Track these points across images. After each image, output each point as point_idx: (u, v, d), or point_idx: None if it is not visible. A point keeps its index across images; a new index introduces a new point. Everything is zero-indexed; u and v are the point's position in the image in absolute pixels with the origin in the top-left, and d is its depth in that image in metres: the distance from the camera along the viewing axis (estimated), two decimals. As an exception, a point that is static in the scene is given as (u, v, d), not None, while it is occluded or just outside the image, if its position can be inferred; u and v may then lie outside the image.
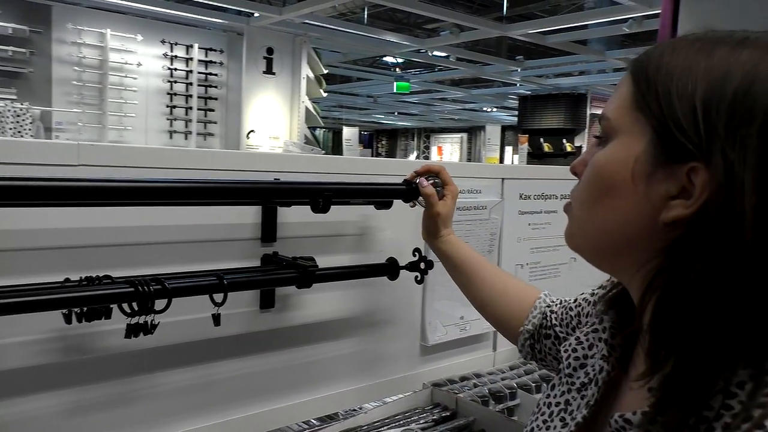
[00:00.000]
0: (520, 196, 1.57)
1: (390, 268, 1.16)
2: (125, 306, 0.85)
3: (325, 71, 7.11)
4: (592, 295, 0.86)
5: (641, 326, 0.56)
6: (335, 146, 15.27)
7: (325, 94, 7.21)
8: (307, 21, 6.65)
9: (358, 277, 1.14)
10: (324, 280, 1.06)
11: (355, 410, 1.25)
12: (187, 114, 6.24)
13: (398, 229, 1.29)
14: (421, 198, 1.12)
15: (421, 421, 1.21)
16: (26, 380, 0.89)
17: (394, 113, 16.52)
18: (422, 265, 1.20)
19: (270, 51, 6.62)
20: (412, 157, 17.21)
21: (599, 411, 0.64)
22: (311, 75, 6.86)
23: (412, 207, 1.17)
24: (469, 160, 16.28)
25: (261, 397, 1.14)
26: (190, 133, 6.28)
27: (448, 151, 16.93)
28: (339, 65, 9.42)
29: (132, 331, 0.85)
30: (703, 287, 0.50)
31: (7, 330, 0.86)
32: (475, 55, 8.44)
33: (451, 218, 1.12)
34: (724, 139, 0.50)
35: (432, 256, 1.28)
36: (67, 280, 0.85)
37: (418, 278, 1.19)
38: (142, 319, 0.86)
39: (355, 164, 1.27)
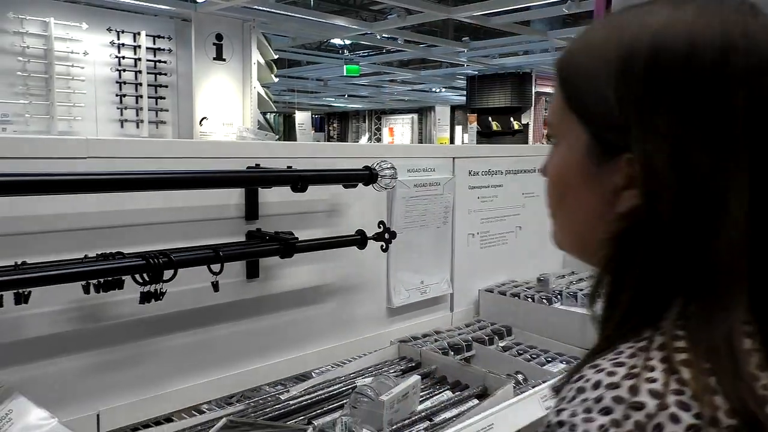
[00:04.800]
0: (470, 173, 1.76)
1: (359, 239, 1.33)
2: (138, 277, 0.99)
3: (276, 56, 7.14)
4: None
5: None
6: (287, 131, 15.23)
7: (276, 79, 7.25)
8: (254, 6, 6.67)
9: (332, 248, 1.31)
10: (303, 251, 1.22)
11: (332, 365, 1.42)
12: (137, 102, 6.18)
13: (364, 205, 1.45)
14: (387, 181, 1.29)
15: (391, 371, 1.39)
16: (50, 345, 1.03)
17: (344, 96, 16.56)
18: (386, 236, 1.38)
19: (219, 37, 6.61)
20: (364, 139, 17.32)
21: None
22: (262, 60, 6.89)
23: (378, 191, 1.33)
24: (420, 140, 16.50)
25: (251, 355, 1.29)
26: (142, 121, 6.24)
27: (399, 132, 17.10)
28: (288, 50, 9.43)
29: (145, 298, 0.99)
30: (637, 282, 0.50)
31: (33, 302, 0.99)
32: (422, 37, 8.61)
33: None
34: (639, 128, 0.49)
35: (394, 227, 1.46)
36: (85, 257, 0.98)
37: (383, 247, 1.37)
38: (152, 288, 1.00)
39: (324, 149, 1.42)
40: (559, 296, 1.68)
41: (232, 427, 1.06)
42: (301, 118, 7.67)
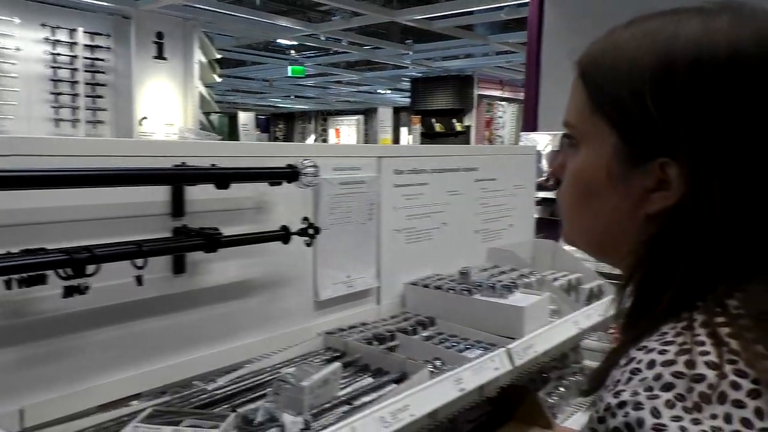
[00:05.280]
0: (395, 172, 1.84)
1: (283, 234, 1.39)
2: (61, 272, 1.02)
3: (219, 56, 7.10)
4: None
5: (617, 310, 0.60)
6: (231, 131, 15.05)
7: (219, 79, 7.20)
8: (196, 5, 6.61)
9: (257, 243, 1.36)
10: (227, 246, 1.28)
11: (259, 357, 1.48)
12: (73, 101, 6.05)
13: (291, 203, 1.52)
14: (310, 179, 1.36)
15: (316, 361, 1.46)
16: (-28, 341, 1.05)
17: (290, 96, 16.51)
18: (311, 231, 1.44)
19: (160, 35, 6.52)
20: (311, 140, 17.29)
21: None
22: (204, 60, 6.84)
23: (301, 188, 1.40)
24: (366, 141, 16.60)
25: (178, 349, 1.34)
26: (78, 121, 6.10)
27: (345, 133, 17.16)
28: (232, 49, 9.36)
29: (68, 292, 1.03)
30: (680, 278, 0.52)
31: (-46, 298, 1.01)
32: (367, 39, 8.71)
33: None
34: (684, 134, 0.50)
35: (320, 223, 1.53)
36: (8, 253, 1.01)
37: (308, 242, 1.43)
38: (75, 282, 1.04)
39: (251, 149, 1.49)
40: (479, 288, 1.79)
41: (157, 415, 1.10)
42: (245, 118, 7.64)
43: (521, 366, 1.59)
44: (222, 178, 1.21)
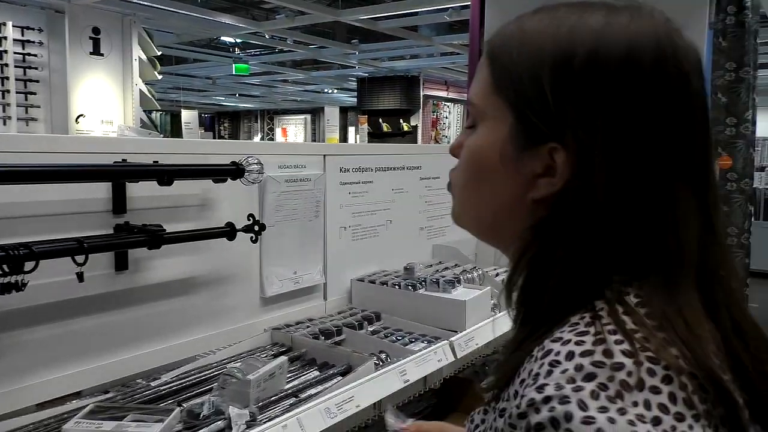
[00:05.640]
0: (341, 170, 1.87)
1: (228, 231, 1.40)
2: (-3, 269, 1.00)
3: (159, 53, 6.93)
4: None
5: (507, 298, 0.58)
6: (174, 130, 14.70)
7: (160, 77, 7.02)
8: (134, 1, 6.44)
9: (201, 239, 1.36)
10: (171, 242, 1.27)
11: (205, 353, 1.47)
12: (3, 97, 5.79)
13: (236, 200, 1.52)
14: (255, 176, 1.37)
15: (263, 356, 1.47)
16: None
17: (235, 95, 16.25)
18: (256, 228, 1.45)
19: (96, 31, 6.31)
20: (257, 139, 17.07)
21: None
22: (144, 56, 6.66)
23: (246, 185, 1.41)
24: (314, 140, 16.52)
25: (121, 346, 1.32)
26: (9, 118, 5.83)
27: (292, 132, 17.03)
28: (174, 46, 9.15)
29: (5, 288, 1.01)
30: (564, 267, 0.52)
31: None
32: (312, 38, 8.68)
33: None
34: (574, 120, 0.51)
35: (266, 220, 1.54)
36: (-60, 249, 0.98)
37: (253, 238, 1.44)
38: (13, 279, 1.02)
39: (194, 146, 1.48)
40: (423, 283, 1.83)
41: (99, 411, 1.09)
42: (188, 116, 7.42)
43: (463, 357, 1.65)
44: (164, 174, 1.20)
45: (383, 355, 1.54)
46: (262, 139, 17.12)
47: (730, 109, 3.78)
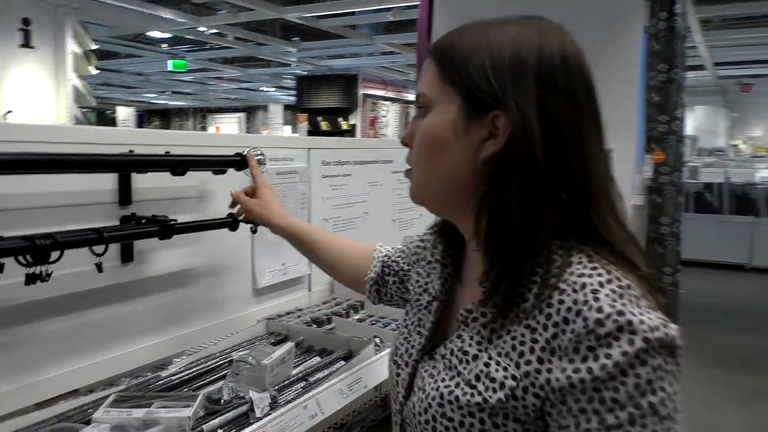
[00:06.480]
0: (323, 163, 1.91)
1: (231, 222, 1.42)
2: (21, 259, 1.00)
3: (94, 46, 6.68)
4: (422, 241, 0.99)
5: (477, 241, 0.71)
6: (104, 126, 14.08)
7: (95, 72, 6.77)
8: (69, -8, 6.17)
9: (208, 229, 1.38)
10: (181, 233, 1.29)
11: (205, 344, 1.49)
12: None
13: (228, 191, 1.53)
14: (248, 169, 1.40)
15: (264, 344, 1.50)
16: None
17: (166, 92, 15.78)
18: (255, 219, 1.48)
19: (27, 22, 6.01)
20: (189, 137, 16.60)
21: (446, 319, 0.81)
22: (78, 50, 6.40)
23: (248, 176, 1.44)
24: (248, 139, 16.23)
25: (127, 338, 1.32)
26: (-70, 113, 5.49)
27: (226, 131, 16.68)
28: (106, 40, 8.81)
29: (31, 279, 1.00)
30: (518, 198, 0.67)
31: None
32: (253, 35, 8.57)
33: (273, 192, 1.32)
34: (512, 90, 0.68)
35: (262, 211, 1.56)
36: (-37, 240, 0.97)
37: (253, 229, 1.47)
38: (37, 270, 1.02)
39: (175, 137, 1.50)
40: (404, 272, 1.90)
41: (123, 400, 1.10)
42: (125, 114, 7.23)
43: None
44: (178, 165, 1.22)
45: (377, 340, 1.60)
46: (195, 137, 16.66)
47: (662, 107, 4.04)
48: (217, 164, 1.36)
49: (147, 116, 18.23)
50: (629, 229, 0.73)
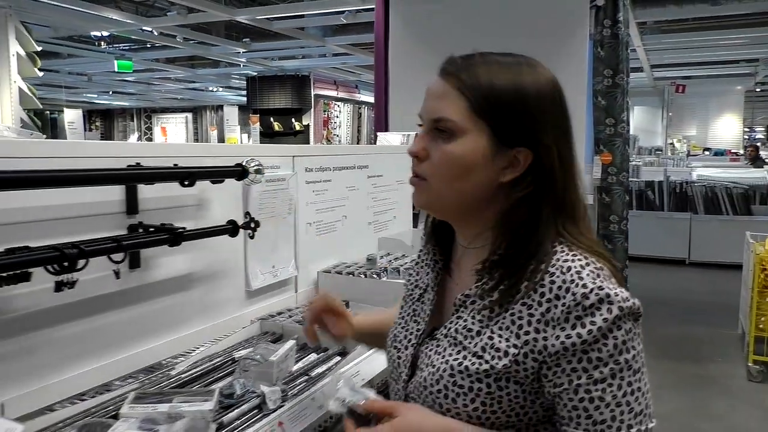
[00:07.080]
0: (306, 169, 2.00)
1: (231, 228, 1.49)
2: (49, 267, 1.05)
3: (39, 48, 6.48)
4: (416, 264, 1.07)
5: (491, 243, 0.87)
6: (44, 129, 13.59)
7: (41, 73, 6.57)
8: (12, -9, 5.98)
9: (211, 236, 1.45)
10: (188, 239, 1.36)
11: (204, 344, 1.56)
12: None
13: (224, 199, 1.61)
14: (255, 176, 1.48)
15: (264, 343, 1.58)
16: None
17: (108, 92, 15.33)
18: (252, 225, 1.56)
19: (-33, 23, 5.80)
20: (134, 138, 16.22)
21: (440, 306, 0.95)
22: (22, 52, 6.21)
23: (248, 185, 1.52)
24: (196, 140, 16.01)
25: (135, 341, 1.38)
26: None
27: (172, 131, 16.35)
28: (49, 41, 8.54)
29: (60, 286, 1.06)
30: (536, 214, 0.84)
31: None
32: (202, 36, 8.48)
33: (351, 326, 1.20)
34: (537, 129, 0.83)
35: (258, 216, 1.65)
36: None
37: (251, 234, 1.55)
38: (65, 278, 1.07)
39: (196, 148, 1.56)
40: (385, 272, 2.01)
41: (143, 397, 1.17)
42: (72, 115, 7.00)
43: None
44: (186, 176, 1.29)
45: (366, 336, 1.70)
46: (140, 138, 16.29)
47: (609, 111, 4.30)
48: (221, 175, 1.43)
49: (88, 117, 17.66)
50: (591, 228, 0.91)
